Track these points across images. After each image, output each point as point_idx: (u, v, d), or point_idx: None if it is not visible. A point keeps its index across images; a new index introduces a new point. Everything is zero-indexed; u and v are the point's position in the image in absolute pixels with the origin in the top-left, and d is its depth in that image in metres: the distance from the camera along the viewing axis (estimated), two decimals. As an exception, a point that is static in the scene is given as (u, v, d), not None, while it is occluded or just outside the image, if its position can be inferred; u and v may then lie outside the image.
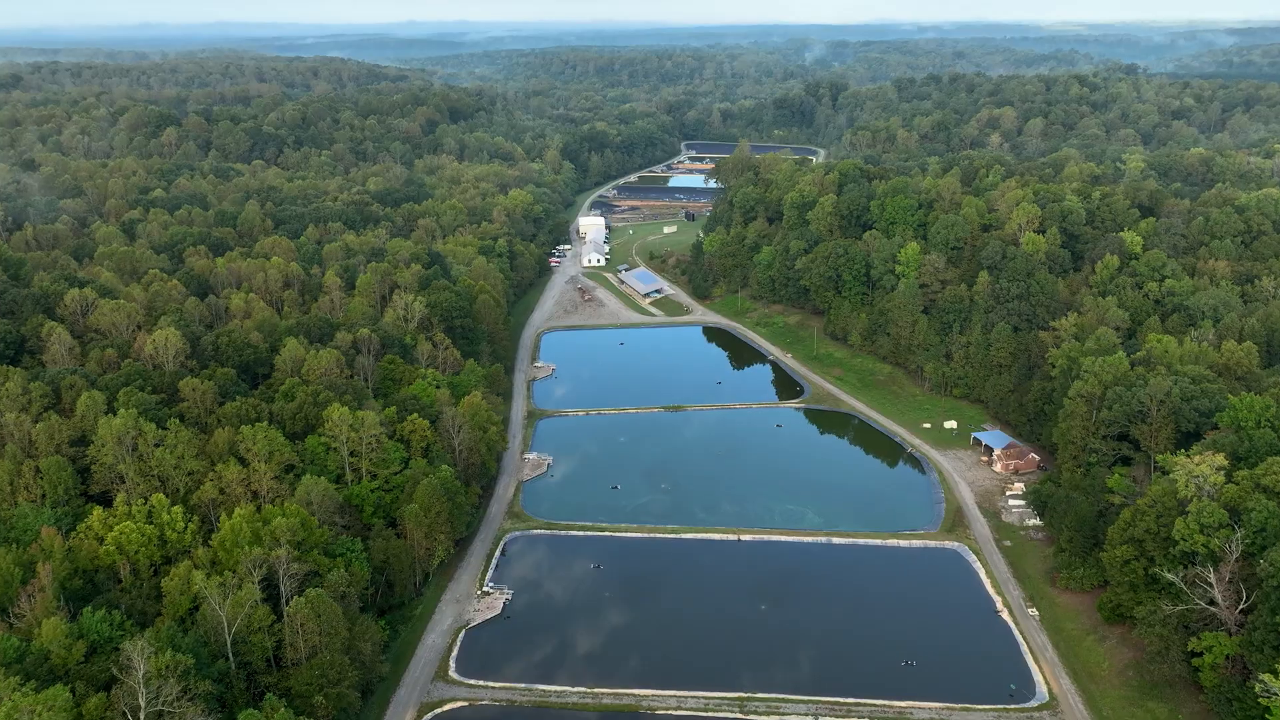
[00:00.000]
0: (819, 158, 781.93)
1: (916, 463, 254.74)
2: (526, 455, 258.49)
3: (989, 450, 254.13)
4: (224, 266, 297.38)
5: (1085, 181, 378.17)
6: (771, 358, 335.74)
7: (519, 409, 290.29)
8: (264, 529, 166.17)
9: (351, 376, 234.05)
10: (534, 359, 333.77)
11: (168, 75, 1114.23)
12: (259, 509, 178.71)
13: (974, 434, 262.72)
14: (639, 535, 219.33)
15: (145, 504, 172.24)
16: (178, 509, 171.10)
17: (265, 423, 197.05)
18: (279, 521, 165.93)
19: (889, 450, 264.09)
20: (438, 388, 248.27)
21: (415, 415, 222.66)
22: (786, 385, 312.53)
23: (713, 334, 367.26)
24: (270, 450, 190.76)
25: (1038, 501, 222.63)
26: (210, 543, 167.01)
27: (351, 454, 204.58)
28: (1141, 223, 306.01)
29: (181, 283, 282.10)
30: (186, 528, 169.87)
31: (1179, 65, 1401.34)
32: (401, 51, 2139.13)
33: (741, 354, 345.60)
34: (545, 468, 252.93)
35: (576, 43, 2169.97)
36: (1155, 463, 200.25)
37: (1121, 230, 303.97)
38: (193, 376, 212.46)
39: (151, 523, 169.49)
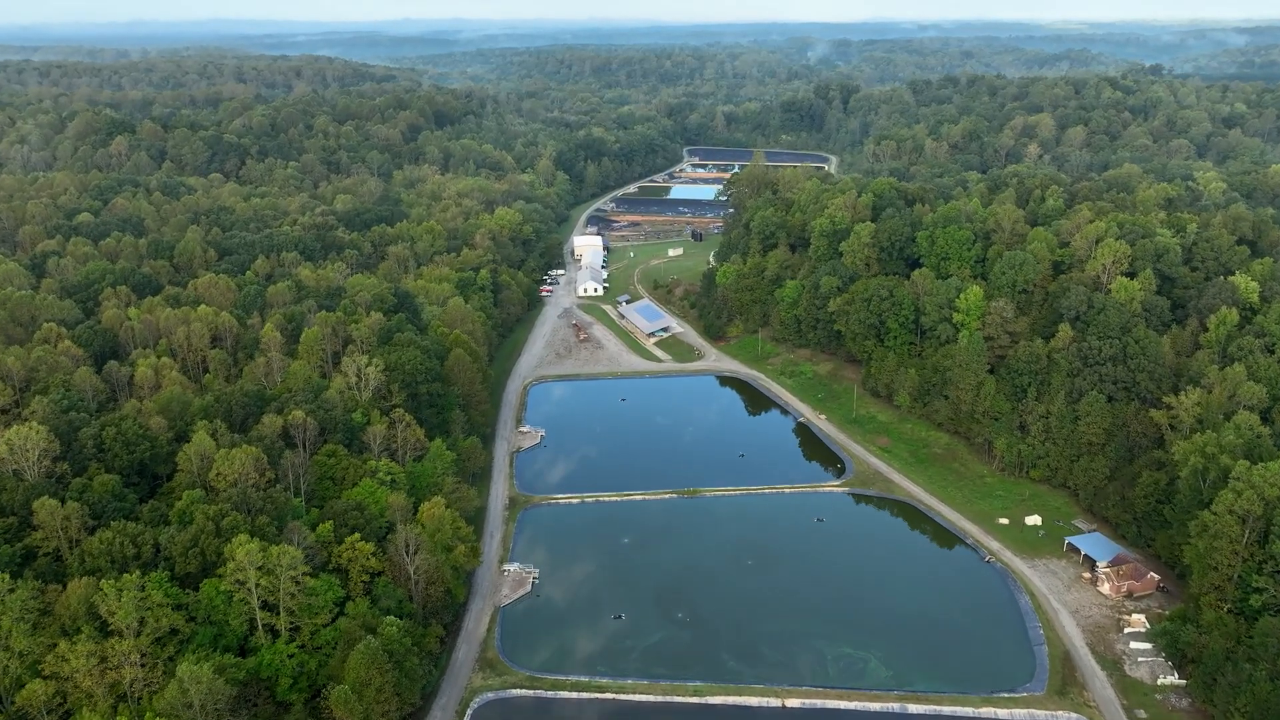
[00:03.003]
0: (831, 164, 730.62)
1: (999, 578, 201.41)
2: (506, 567, 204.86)
3: (1090, 563, 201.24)
4: (138, 318, 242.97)
5: (1160, 205, 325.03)
6: (802, 419, 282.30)
7: (498, 495, 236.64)
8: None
9: (275, 481, 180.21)
10: (519, 421, 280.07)
11: (141, 75, 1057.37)
12: (115, 713, 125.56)
13: (1068, 539, 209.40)
14: (651, 698, 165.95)
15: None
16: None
17: (138, 572, 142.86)
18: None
19: (961, 558, 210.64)
20: (391, 483, 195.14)
21: (356, 537, 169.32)
22: (823, 458, 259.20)
23: (729, 386, 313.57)
24: (141, 614, 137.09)
25: (1173, 649, 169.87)
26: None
27: (264, 605, 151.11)
28: (1254, 263, 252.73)
29: (79, 343, 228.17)
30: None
31: (1197, 66, 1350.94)
32: (393, 50, 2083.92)
33: (765, 413, 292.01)
34: (530, 584, 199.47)
35: (572, 41, 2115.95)
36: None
37: (1231, 273, 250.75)
38: (51, 497, 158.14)
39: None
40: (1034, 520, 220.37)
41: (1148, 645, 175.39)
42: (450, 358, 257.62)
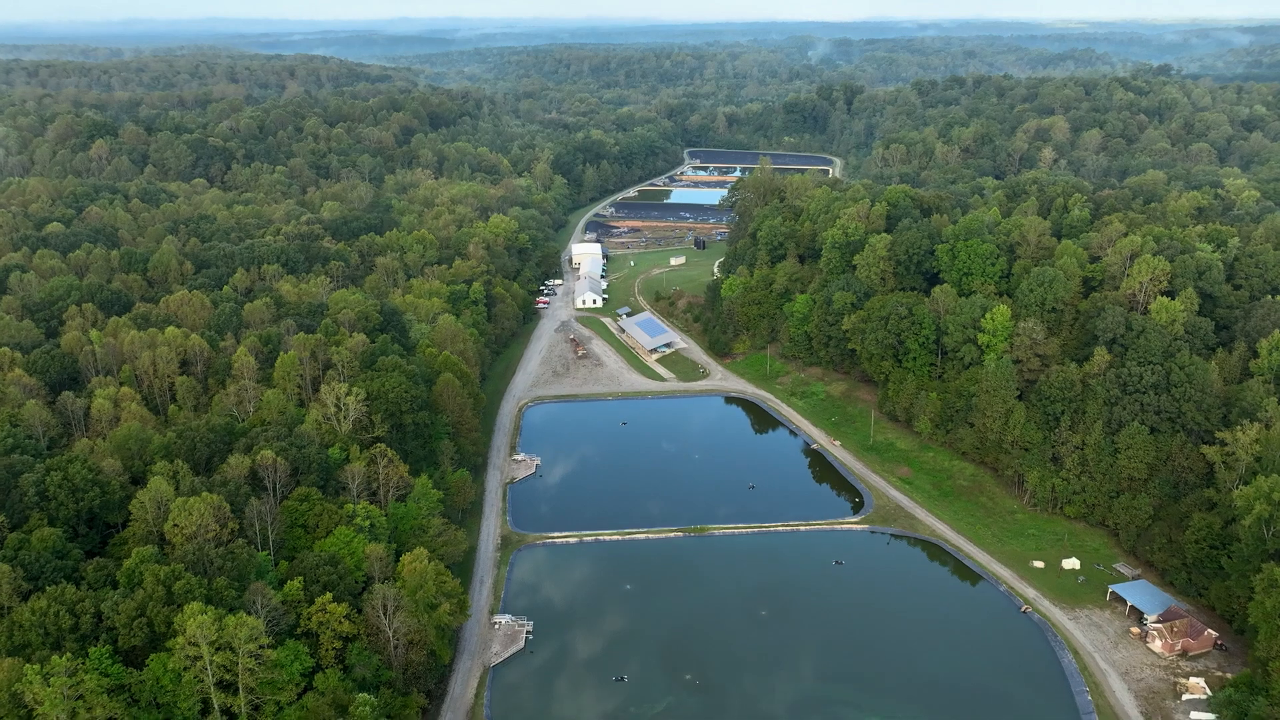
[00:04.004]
0: (836, 167, 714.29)
1: (1038, 632, 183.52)
2: (497, 619, 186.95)
3: (1138, 616, 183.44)
4: (100, 341, 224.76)
5: (1191, 216, 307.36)
6: (815, 445, 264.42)
7: (490, 533, 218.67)
8: None
9: (239, 533, 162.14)
10: (513, 448, 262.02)
11: (131, 75, 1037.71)
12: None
13: (1112, 587, 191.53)
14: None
15: None
16: None
17: (69, 654, 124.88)
18: None
19: (995, 607, 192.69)
20: (370, 528, 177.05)
21: (328, 597, 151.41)
22: (839, 490, 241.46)
23: (737, 407, 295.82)
24: (72, 705, 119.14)
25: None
26: None
27: (219, 683, 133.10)
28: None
29: (33, 371, 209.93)
30: None
31: (1204, 65, 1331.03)
32: (389, 49, 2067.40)
33: (775, 438, 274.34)
34: (523, 639, 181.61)
35: (570, 40, 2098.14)
36: None
37: (1279, 292, 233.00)
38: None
39: None
40: (1072, 564, 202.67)
41: (1210, 716, 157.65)
42: (439, 382, 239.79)
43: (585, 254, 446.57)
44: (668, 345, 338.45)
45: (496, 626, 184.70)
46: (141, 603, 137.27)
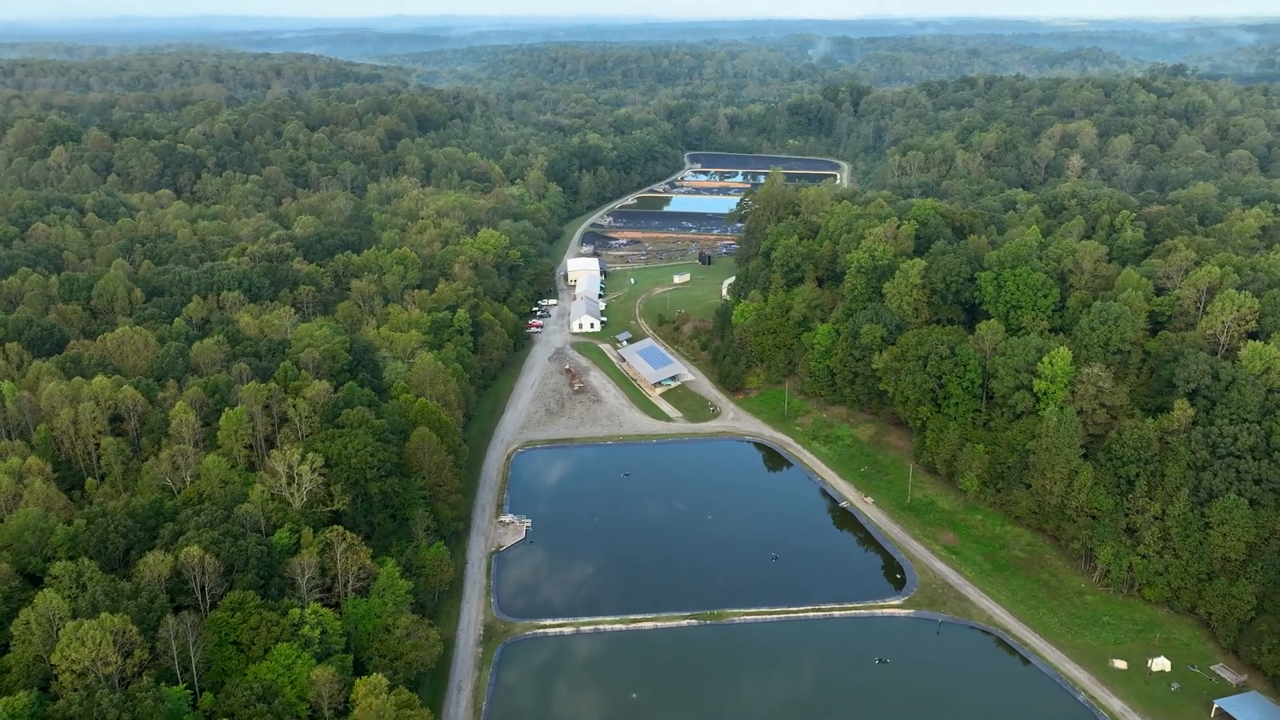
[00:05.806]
0: (843, 172, 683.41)
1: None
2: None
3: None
4: (13, 395, 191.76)
5: (1257, 236, 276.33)
6: (844, 503, 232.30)
7: (470, 622, 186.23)
8: None
9: (150, 663, 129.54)
10: (500, 507, 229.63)
11: (111, 75, 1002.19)
12: None
13: (1217, 701, 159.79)
14: None
15: None
16: None
17: None
18: None
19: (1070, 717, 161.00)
20: (321, 637, 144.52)
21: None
22: (876, 561, 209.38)
23: (752, 451, 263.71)
24: None
25: None
26: None
27: None
28: None
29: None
30: None
31: (1214, 65, 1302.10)
32: (382, 48, 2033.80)
33: (799, 494, 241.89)
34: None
35: (566, 38, 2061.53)
36: None
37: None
38: None
39: None
40: (1161, 665, 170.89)
41: None
42: (414, 437, 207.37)
43: (582, 270, 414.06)
44: (673, 378, 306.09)
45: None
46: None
